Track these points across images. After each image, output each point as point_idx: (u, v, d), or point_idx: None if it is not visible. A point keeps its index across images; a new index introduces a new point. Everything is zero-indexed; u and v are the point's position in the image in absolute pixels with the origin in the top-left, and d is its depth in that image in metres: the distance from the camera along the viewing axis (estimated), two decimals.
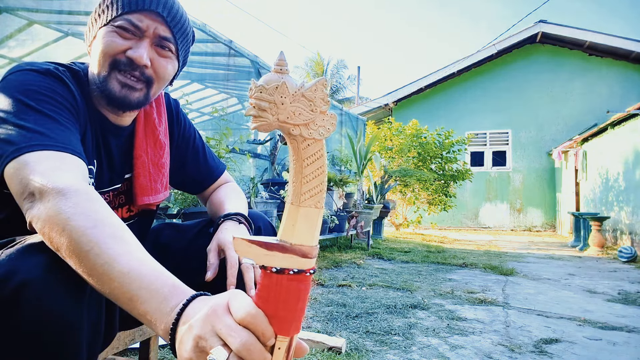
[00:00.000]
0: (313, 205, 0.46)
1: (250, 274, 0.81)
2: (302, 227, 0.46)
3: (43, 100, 0.68)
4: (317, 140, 0.46)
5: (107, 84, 0.79)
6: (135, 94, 0.80)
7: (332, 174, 4.74)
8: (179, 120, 1.04)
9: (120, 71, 0.78)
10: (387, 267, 4.07)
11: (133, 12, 0.78)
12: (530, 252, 5.94)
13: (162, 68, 0.83)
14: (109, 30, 0.78)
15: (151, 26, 0.79)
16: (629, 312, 2.57)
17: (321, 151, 0.46)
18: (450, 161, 8.34)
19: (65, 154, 0.64)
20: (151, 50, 0.81)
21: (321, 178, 0.46)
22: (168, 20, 0.81)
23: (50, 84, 0.72)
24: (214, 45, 4.97)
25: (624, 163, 6.45)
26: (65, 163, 0.62)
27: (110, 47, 0.78)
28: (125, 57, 0.78)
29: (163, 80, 0.85)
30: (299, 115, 0.45)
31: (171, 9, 0.81)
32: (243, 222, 0.93)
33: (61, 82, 0.74)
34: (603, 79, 10.48)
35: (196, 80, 6.06)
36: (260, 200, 3.49)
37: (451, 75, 11.62)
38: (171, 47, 0.84)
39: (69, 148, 0.65)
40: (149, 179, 0.92)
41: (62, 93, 0.73)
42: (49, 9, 3.09)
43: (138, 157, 0.91)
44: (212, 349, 0.43)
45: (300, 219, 0.46)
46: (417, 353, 1.74)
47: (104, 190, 0.88)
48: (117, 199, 0.92)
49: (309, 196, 0.46)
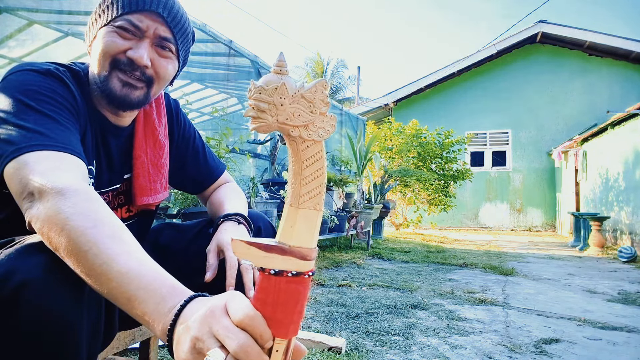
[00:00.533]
0: (312, 207, 0.46)
1: (250, 275, 0.81)
2: (301, 229, 0.46)
3: (43, 100, 0.68)
4: (317, 142, 0.45)
5: (108, 83, 0.79)
6: (135, 92, 0.80)
7: (332, 174, 4.74)
8: (179, 121, 1.04)
9: (121, 70, 0.78)
10: (387, 267, 4.07)
11: (133, 12, 0.78)
12: (530, 252, 5.94)
13: (162, 68, 0.83)
14: (109, 30, 0.78)
15: (151, 26, 0.79)
16: (629, 312, 2.57)
17: (320, 153, 0.46)
18: (450, 161, 8.34)
19: (65, 154, 0.64)
20: (151, 51, 0.81)
21: (320, 180, 0.46)
22: (168, 21, 0.81)
23: (51, 84, 0.72)
24: (214, 45, 4.97)
25: (624, 163, 6.45)
26: (64, 163, 0.62)
27: (110, 47, 0.78)
28: (126, 57, 0.78)
29: (163, 81, 0.85)
30: (299, 116, 0.44)
31: (171, 9, 0.81)
32: (242, 222, 0.93)
33: (61, 83, 0.74)
34: (603, 79, 10.48)
35: (196, 80, 6.06)
36: (260, 200, 3.49)
37: (451, 75, 11.62)
38: (171, 48, 0.84)
39: (69, 148, 0.65)
40: (149, 179, 0.92)
41: (63, 93, 0.73)
42: (49, 9, 3.09)
43: (137, 157, 0.91)
44: (210, 350, 0.43)
45: (299, 220, 0.46)
46: (417, 353, 1.74)
47: (103, 190, 0.88)
48: (117, 199, 0.92)
49: (308, 198, 0.46)
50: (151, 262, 0.53)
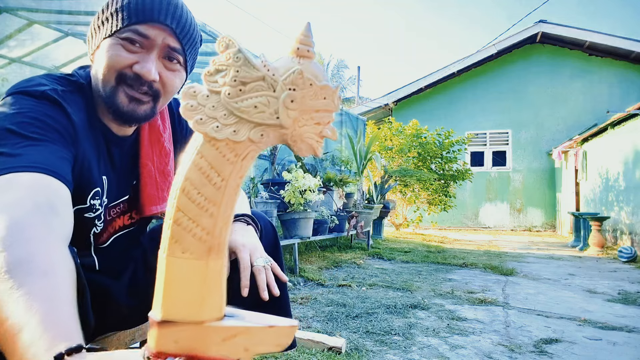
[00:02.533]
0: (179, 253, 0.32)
1: (263, 276, 0.81)
2: (176, 291, 0.33)
3: (30, 124, 0.64)
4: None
5: (114, 98, 0.76)
6: (142, 107, 0.78)
7: (332, 174, 4.74)
8: (182, 122, 1.02)
9: (128, 85, 0.76)
10: (387, 267, 4.07)
11: (140, 23, 0.74)
12: (530, 252, 5.94)
13: (169, 82, 0.80)
14: (114, 42, 0.75)
15: (159, 37, 0.76)
16: (629, 312, 2.57)
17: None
18: (450, 161, 8.34)
19: (32, 174, 0.58)
20: (159, 64, 0.78)
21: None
22: (177, 32, 0.77)
23: (43, 108, 0.68)
24: (214, 45, 4.96)
25: (624, 163, 6.45)
26: (13, 187, 0.55)
27: (116, 61, 0.75)
28: (132, 72, 0.75)
29: (170, 94, 0.83)
30: None
31: (180, 19, 0.77)
32: (251, 223, 0.94)
33: (56, 106, 0.71)
34: (603, 79, 10.48)
35: (196, 80, 6.05)
36: (260, 200, 3.49)
37: (451, 76, 11.62)
38: (179, 59, 0.81)
39: (41, 167, 0.60)
40: (156, 187, 0.91)
41: (55, 116, 0.69)
42: (49, 9, 3.09)
43: (144, 165, 0.89)
44: None
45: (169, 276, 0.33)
46: (417, 353, 1.74)
47: (114, 203, 0.87)
48: (124, 207, 0.92)
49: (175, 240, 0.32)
50: (63, 303, 0.44)
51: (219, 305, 0.33)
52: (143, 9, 0.74)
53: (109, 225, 0.89)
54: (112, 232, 0.91)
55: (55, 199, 0.58)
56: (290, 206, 3.59)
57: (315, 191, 3.59)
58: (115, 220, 0.91)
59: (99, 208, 0.81)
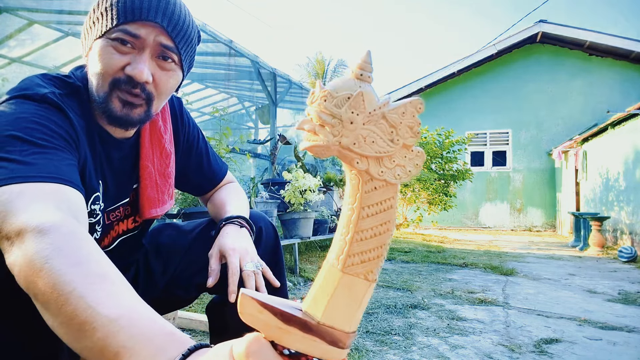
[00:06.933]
0: (362, 274, 0.33)
1: (252, 283, 0.79)
2: (339, 302, 0.33)
3: (34, 129, 0.63)
4: (389, 184, 0.33)
5: (108, 104, 0.74)
6: (136, 110, 0.76)
7: (333, 174, 4.74)
8: (184, 122, 1.01)
9: (121, 90, 0.73)
10: (387, 267, 4.06)
11: (129, 22, 0.71)
12: (530, 252, 5.94)
13: (163, 83, 0.77)
14: (105, 44, 0.72)
15: (150, 35, 0.73)
16: (629, 312, 2.57)
17: (391, 201, 0.33)
18: (451, 161, 8.34)
19: (51, 184, 0.58)
20: (152, 64, 0.75)
21: (383, 239, 0.33)
22: (169, 30, 0.74)
23: (45, 112, 0.67)
24: (214, 45, 4.96)
25: (624, 163, 6.45)
26: (48, 196, 0.56)
27: (108, 65, 0.72)
28: (125, 75, 0.72)
29: (164, 96, 0.80)
30: (372, 143, 0.32)
31: (172, 16, 0.74)
32: (245, 225, 0.92)
33: (57, 110, 0.69)
34: (603, 79, 10.47)
35: (196, 80, 6.04)
36: (260, 200, 3.49)
37: (451, 75, 11.62)
38: (174, 58, 0.77)
39: (58, 177, 0.59)
40: (156, 190, 0.90)
41: (58, 121, 0.68)
42: (49, 9, 3.09)
43: (144, 167, 0.88)
44: None
45: (340, 289, 0.33)
46: (417, 353, 1.74)
47: (113, 207, 0.86)
48: (125, 211, 0.90)
49: (360, 261, 0.33)
50: (143, 306, 0.46)
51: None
52: (132, 7, 0.71)
53: (111, 230, 0.88)
54: (115, 236, 0.90)
55: (76, 209, 0.58)
56: (290, 206, 3.59)
57: (316, 191, 3.59)
58: (118, 224, 0.89)
59: (99, 213, 0.79)
